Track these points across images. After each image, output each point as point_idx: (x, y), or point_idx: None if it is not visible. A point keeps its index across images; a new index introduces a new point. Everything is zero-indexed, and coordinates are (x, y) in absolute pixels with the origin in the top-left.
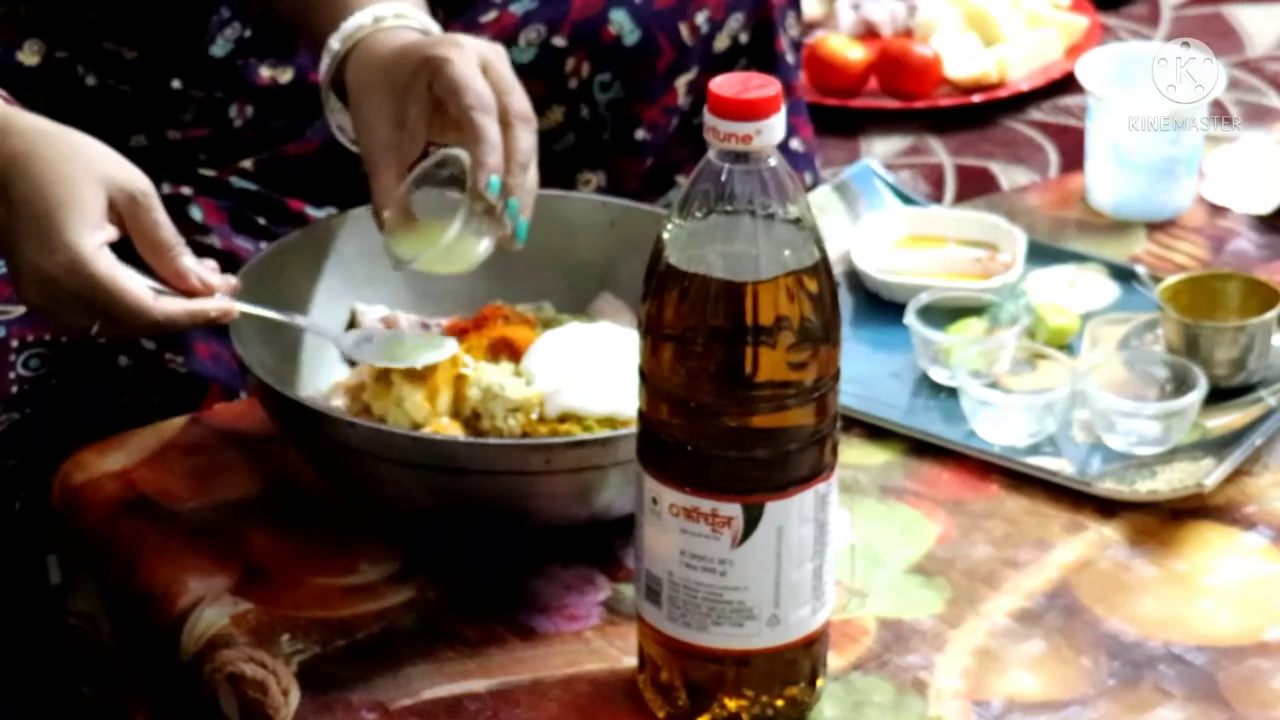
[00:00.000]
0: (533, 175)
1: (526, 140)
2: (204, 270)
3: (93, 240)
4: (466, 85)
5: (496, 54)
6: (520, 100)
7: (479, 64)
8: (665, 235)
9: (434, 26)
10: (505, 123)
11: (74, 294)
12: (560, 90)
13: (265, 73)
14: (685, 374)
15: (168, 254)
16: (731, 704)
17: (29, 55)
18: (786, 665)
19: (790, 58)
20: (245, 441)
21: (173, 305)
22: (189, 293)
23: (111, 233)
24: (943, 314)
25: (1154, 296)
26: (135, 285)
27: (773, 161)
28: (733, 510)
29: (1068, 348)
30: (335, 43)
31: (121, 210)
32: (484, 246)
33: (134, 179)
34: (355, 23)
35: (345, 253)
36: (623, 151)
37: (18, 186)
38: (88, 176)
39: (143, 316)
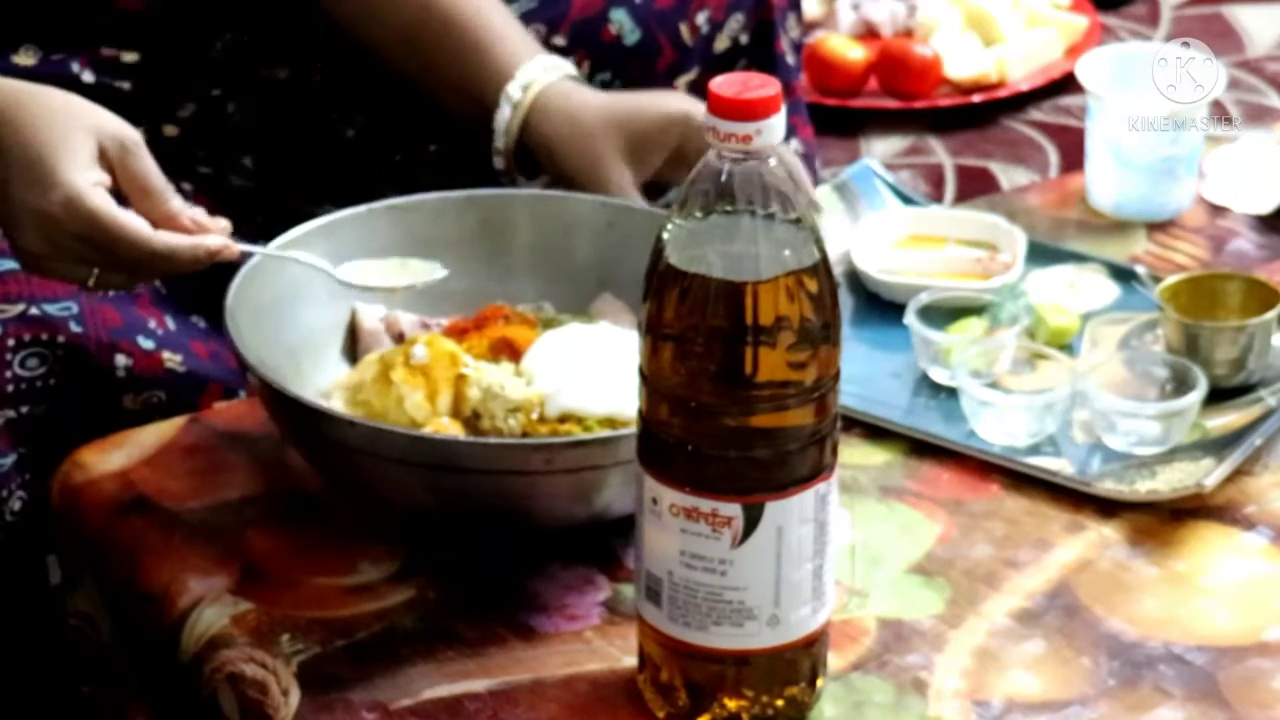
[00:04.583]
0: None
1: None
2: (196, 211)
3: (87, 178)
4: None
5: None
6: None
7: None
8: (665, 235)
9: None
10: None
11: (72, 233)
12: None
13: (263, 71)
14: (685, 374)
15: (159, 198)
16: (731, 704)
17: (25, 57)
18: (786, 665)
19: (790, 58)
20: (245, 441)
21: (172, 237)
22: (183, 234)
23: (104, 177)
24: (943, 314)
25: (1154, 296)
26: (133, 218)
27: (773, 162)
28: (733, 510)
29: (1068, 348)
30: (515, 90)
31: (111, 159)
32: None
33: (122, 128)
34: (533, 75)
35: (345, 252)
36: None
37: (9, 140)
38: (77, 124)
39: (142, 248)
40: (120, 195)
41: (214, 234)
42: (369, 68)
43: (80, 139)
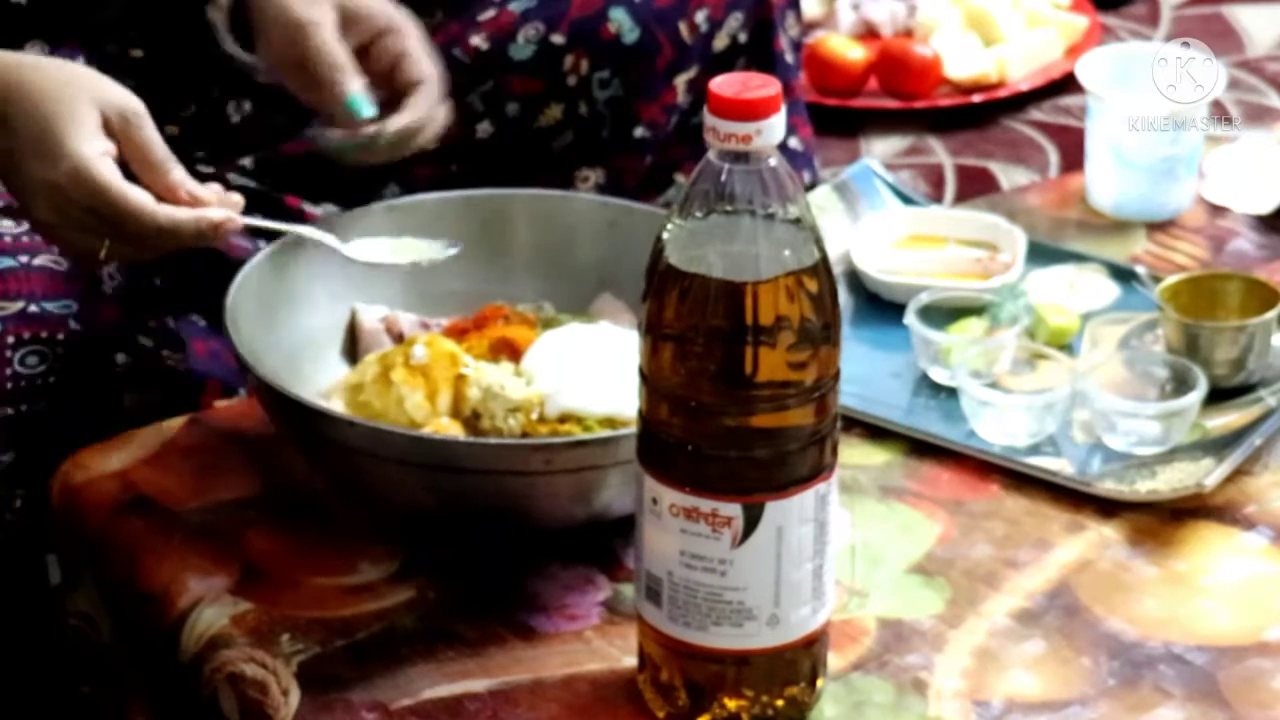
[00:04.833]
0: None
1: None
2: (197, 186)
3: (93, 148)
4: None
5: None
6: None
7: None
8: (665, 235)
9: None
10: None
11: (79, 204)
12: (559, 88)
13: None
14: (685, 374)
15: (160, 169)
16: (731, 704)
17: (30, 53)
18: (786, 665)
19: (790, 57)
20: (245, 441)
21: (176, 210)
22: (184, 206)
23: (110, 146)
24: (943, 314)
25: (1154, 296)
26: (138, 191)
27: (773, 161)
28: (733, 510)
29: (1068, 348)
30: None
31: (115, 130)
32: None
33: (126, 98)
34: None
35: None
36: (622, 149)
37: (16, 112)
38: (82, 95)
39: (146, 222)
40: (126, 166)
41: (215, 207)
42: None
43: (85, 109)
